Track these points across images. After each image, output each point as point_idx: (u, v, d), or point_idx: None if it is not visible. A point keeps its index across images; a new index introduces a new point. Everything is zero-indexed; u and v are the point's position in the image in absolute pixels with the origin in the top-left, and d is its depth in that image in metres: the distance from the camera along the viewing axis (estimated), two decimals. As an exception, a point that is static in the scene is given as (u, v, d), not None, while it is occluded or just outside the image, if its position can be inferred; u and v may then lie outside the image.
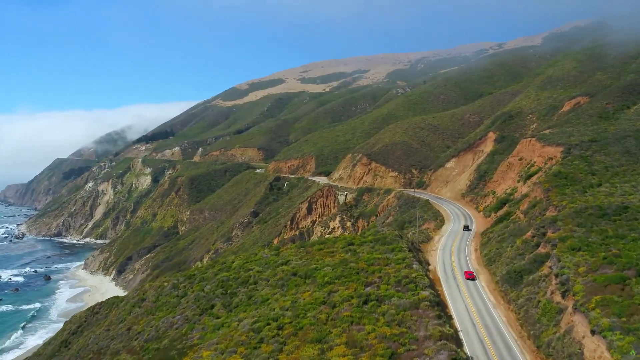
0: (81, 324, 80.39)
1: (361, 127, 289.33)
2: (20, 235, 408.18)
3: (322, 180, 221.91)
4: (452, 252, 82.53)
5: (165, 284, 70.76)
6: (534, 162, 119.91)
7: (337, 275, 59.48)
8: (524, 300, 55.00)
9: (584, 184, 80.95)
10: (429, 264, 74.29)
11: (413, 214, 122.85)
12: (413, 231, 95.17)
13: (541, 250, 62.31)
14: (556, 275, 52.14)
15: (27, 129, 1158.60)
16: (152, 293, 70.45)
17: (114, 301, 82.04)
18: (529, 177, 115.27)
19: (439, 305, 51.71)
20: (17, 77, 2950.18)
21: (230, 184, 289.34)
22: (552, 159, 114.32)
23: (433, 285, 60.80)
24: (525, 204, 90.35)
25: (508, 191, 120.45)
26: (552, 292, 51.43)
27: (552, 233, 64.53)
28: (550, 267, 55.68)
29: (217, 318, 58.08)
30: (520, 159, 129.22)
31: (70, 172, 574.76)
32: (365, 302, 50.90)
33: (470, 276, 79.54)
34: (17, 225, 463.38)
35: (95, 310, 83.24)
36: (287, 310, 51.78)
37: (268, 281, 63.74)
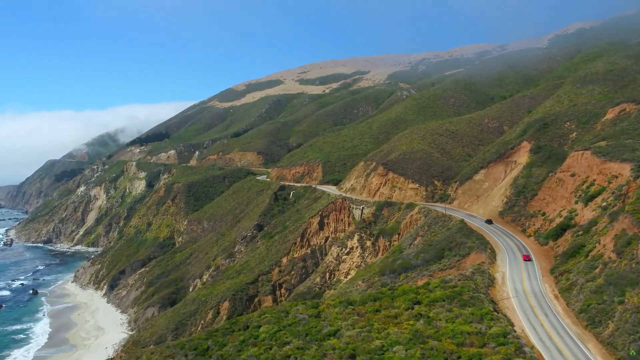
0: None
1: (369, 131, 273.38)
2: (9, 242, 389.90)
3: (331, 190, 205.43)
4: (531, 301, 66.03)
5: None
6: (594, 180, 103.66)
7: (417, 362, 42.94)
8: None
9: (691, 217, 64.68)
10: (512, 324, 57.63)
11: (452, 237, 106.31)
12: (472, 269, 78.43)
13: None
14: None
15: (16, 129, 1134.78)
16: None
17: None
18: (591, 198, 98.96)
19: None
20: (4, 76, 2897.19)
21: (230, 191, 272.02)
22: (617, 177, 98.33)
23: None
24: (608, 237, 73.90)
25: (564, 214, 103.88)
26: None
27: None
28: None
29: None
30: (573, 175, 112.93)
31: (62, 174, 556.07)
32: None
33: (527, 258, 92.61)
34: (7, 230, 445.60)
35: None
36: None
37: (316, 366, 46.78)
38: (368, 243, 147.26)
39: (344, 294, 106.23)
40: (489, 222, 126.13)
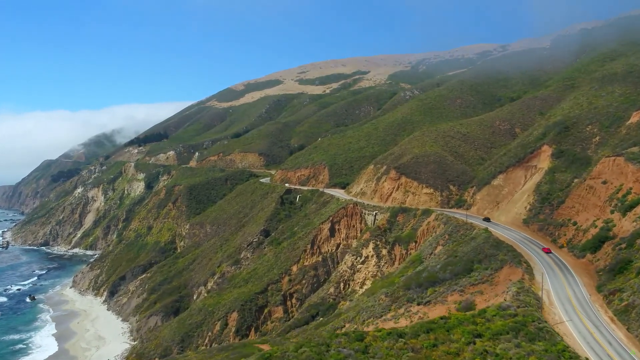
0: None
1: (375, 133, 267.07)
2: (5, 245, 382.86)
3: (340, 193, 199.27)
4: (588, 326, 59.98)
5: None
6: (630, 189, 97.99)
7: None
8: None
9: None
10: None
11: (480, 249, 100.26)
12: (515, 288, 72.42)
13: None
14: None
15: (12, 129, 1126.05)
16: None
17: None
18: (630, 207, 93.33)
19: None
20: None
21: (233, 194, 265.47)
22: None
23: None
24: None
25: (599, 224, 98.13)
26: None
27: None
28: None
29: None
30: (605, 182, 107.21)
31: (59, 174, 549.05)
32: None
33: (547, 251, 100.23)
34: (2, 232, 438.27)
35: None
36: None
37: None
38: (384, 251, 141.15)
39: (365, 309, 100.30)
40: (487, 219, 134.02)
